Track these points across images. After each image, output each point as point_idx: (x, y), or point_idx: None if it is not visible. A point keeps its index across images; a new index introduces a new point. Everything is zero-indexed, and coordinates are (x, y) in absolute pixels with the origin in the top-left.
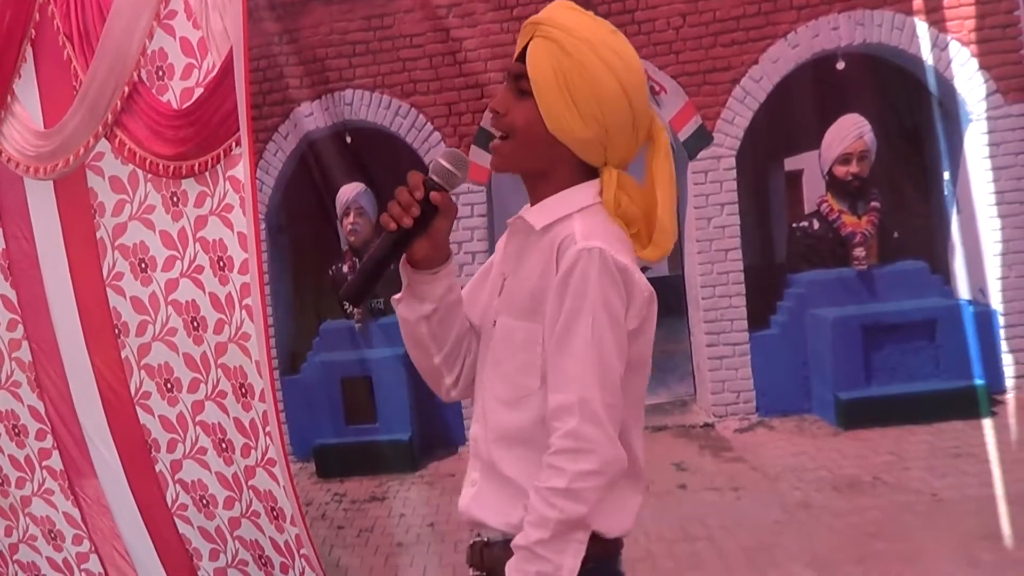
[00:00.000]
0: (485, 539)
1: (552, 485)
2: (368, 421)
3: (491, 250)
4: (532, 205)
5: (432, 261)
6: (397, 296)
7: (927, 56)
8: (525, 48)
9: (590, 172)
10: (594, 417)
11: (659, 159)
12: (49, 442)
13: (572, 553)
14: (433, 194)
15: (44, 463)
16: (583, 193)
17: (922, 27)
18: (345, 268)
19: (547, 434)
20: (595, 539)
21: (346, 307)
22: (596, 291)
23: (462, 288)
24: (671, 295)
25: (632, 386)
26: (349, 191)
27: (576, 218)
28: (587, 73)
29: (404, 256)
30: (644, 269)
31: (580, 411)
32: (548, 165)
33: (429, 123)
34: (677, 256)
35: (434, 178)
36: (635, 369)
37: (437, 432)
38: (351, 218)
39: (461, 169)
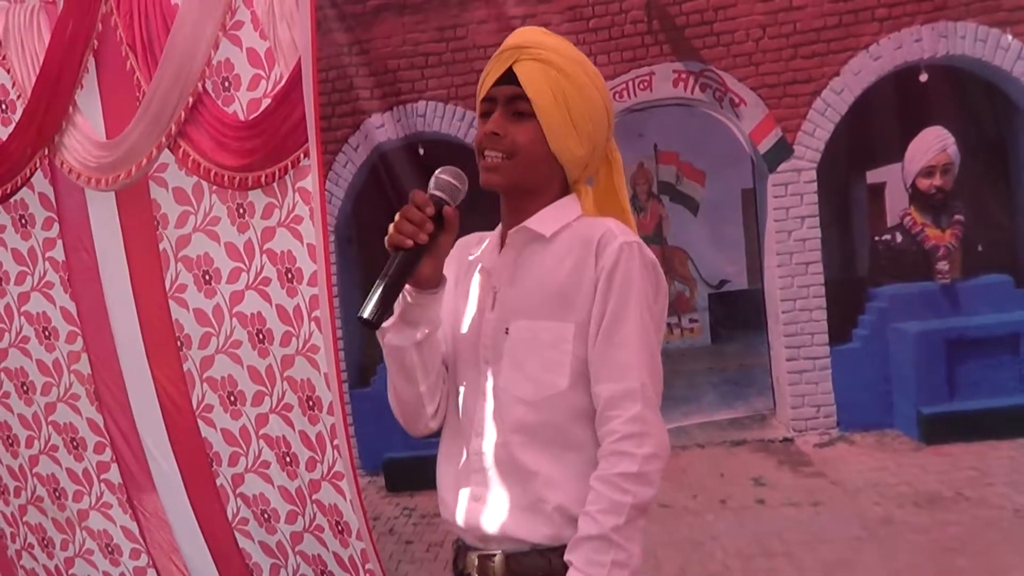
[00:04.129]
0: (502, 552)
1: (623, 470)
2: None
3: None
4: (512, 221)
5: (436, 280)
6: (384, 327)
7: (1011, 68)
8: (506, 73)
9: (566, 189)
10: (652, 403)
11: (617, 174)
12: (108, 455)
13: (638, 540)
14: (446, 209)
15: (102, 476)
16: (572, 205)
17: (1006, 39)
18: None
19: (583, 430)
20: None
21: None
22: (640, 284)
23: None
24: (750, 309)
25: None
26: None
27: (599, 219)
28: (583, 92)
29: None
30: (724, 281)
31: (643, 396)
32: (542, 182)
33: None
34: (756, 269)
35: (438, 194)
36: None
37: None
38: None
39: (462, 183)
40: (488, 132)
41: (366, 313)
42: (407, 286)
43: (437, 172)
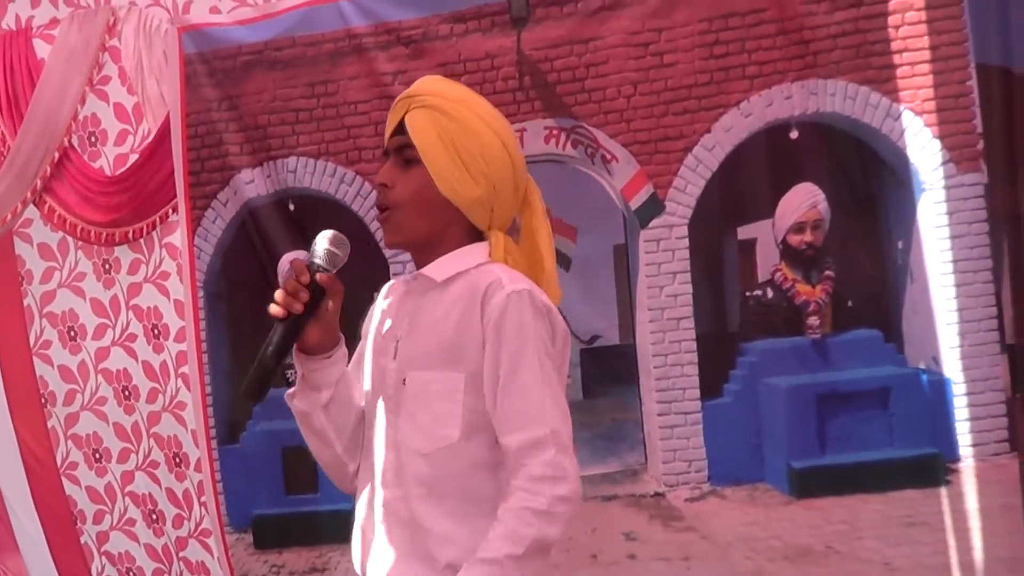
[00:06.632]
0: None
1: (531, 505)
2: (310, 491)
3: None
4: (419, 269)
5: (326, 345)
6: (291, 391)
7: (880, 125)
8: (400, 124)
9: (477, 237)
10: (566, 448)
11: (538, 218)
12: None
13: None
14: (320, 276)
15: None
16: (476, 252)
17: (875, 97)
18: None
19: (482, 482)
20: None
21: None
22: (533, 331)
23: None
24: (622, 364)
25: None
26: (292, 258)
27: (491, 267)
28: (470, 131)
29: (296, 345)
30: (596, 337)
31: (554, 443)
32: (440, 231)
33: (375, 191)
34: (628, 325)
35: (316, 261)
36: None
37: None
38: None
39: (342, 248)
40: (378, 184)
41: (243, 387)
42: (301, 353)
43: (318, 237)
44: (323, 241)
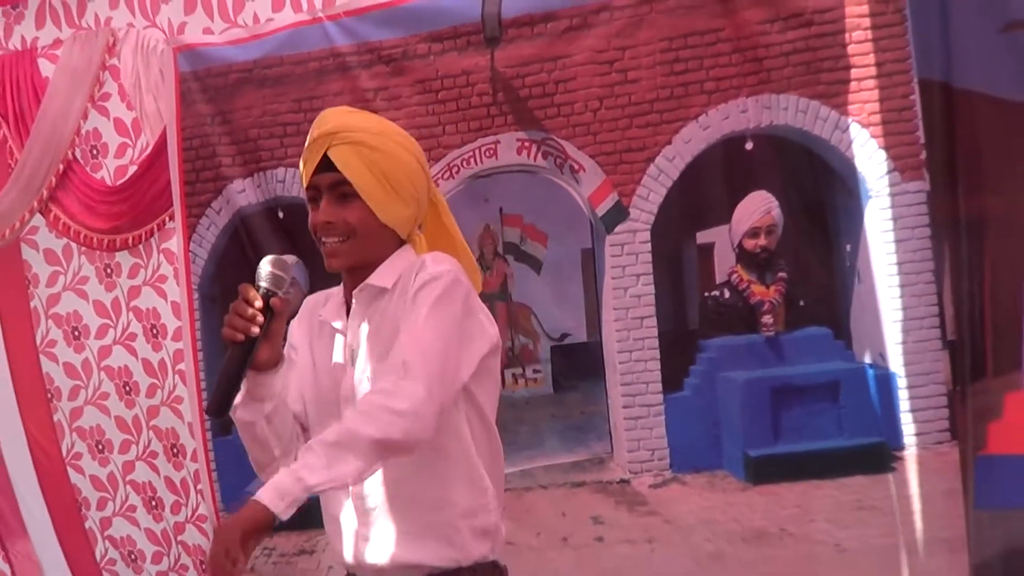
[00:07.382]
0: None
1: (359, 408)
2: None
3: None
4: (355, 283)
5: (273, 361)
6: (235, 402)
7: (830, 137)
8: (323, 160)
9: (400, 242)
10: (414, 377)
11: (447, 216)
12: None
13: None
14: (274, 300)
15: None
16: (407, 254)
17: (825, 110)
18: None
19: (453, 440)
20: None
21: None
22: (448, 298)
23: None
24: (590, 360)
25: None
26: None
27: (421, 256)
28: (395, 160)
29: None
30: (566, 335)
31: (404, 369)
32: (380, 250)
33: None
34: (595, 324)
35: (264, 285)
36: (489, 375)
37: None
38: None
39: (287, 271)
40: (321, 222)
41: (208, 405)
42: (250, 370)
43: (262, 263)
44: (267, 266)
